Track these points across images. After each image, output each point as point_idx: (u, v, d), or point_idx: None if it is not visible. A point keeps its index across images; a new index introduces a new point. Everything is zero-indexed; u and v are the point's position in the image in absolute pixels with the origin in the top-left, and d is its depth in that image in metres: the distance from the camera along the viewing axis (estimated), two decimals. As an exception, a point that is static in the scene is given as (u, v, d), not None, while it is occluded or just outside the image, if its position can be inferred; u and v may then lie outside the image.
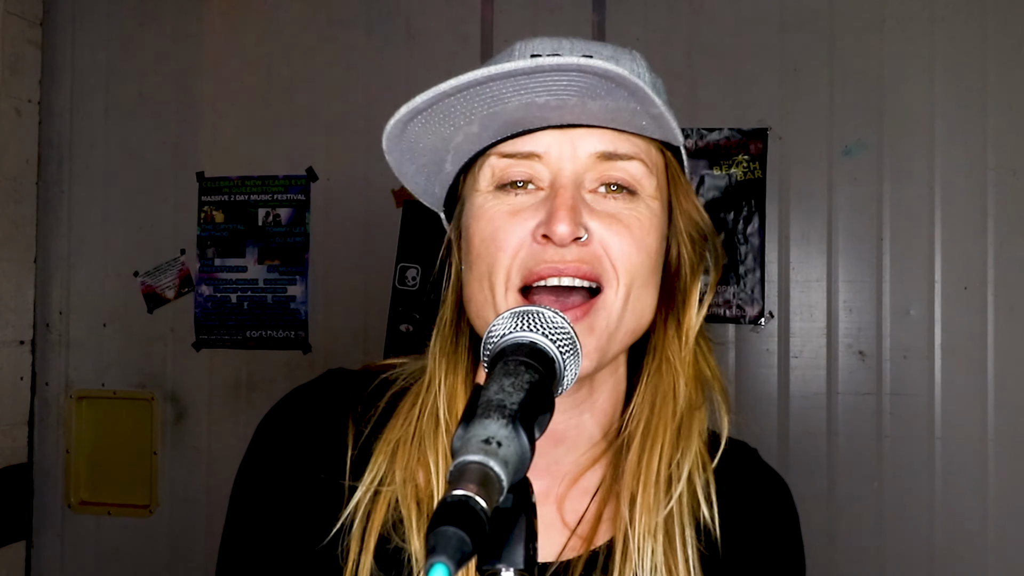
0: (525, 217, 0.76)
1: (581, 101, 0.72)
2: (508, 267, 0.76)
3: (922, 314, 2.44)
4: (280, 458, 0.85)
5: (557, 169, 0.76)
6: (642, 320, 0.80)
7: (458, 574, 0.42)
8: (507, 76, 0.70)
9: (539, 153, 0.77)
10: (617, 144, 0.77)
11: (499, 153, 0.78)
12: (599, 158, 0.76)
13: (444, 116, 0.74)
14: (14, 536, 2.80)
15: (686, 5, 2.58)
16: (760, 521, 0.85)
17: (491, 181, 0.79)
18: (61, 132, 2.93)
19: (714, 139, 2.52)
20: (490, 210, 0.78)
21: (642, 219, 0.77)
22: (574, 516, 0.81)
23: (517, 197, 0.77)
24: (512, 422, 0.51)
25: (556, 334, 0.62)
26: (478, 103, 0.73)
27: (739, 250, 2.55)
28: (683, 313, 0.83)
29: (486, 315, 0.78)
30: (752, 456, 0.90)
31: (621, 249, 0.76)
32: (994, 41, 2.42)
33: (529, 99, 0.72)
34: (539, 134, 0.76)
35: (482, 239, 0.78)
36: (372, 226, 2.72)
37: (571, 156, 0.76)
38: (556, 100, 0.72)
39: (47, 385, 2.91)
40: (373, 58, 2.74)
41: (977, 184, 2.42)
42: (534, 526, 0.54)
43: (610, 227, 0.76)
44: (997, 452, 2.37)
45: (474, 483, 0.45)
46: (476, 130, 0.76)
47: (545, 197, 0.76)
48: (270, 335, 2.80)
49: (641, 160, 0.78)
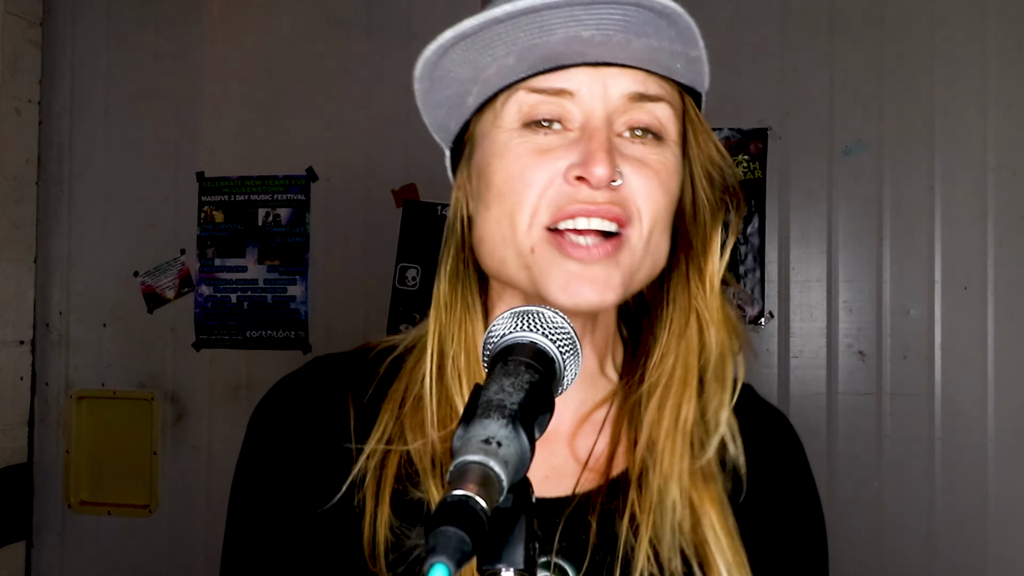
0: (556, 156, 0.75)
1: (626, 38, 0.72)
2: (535, 205, 0.75)
3: (922, 314, 2.44)
4: (278, 438, 0.84)
5: (589, 109, 0.75)
6: (658, 263, 0.80)
7: (458, 574, 0.42)
8: (563, 5, 0.69)
9: (571, 91, 0.75)
10: (648, 85, 0.76)
11: (528, 88, 0.76)
12: (630, 99, 0.76)
13: (485, 45, 0.73)
14: (14, 536, 2.80)
15: (685, 5, 2.57)
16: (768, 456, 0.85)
17: (517, 117, 0.77)
18: (61, 132, 2.93)
19: (714, 139, 2.52)
20: (516, 147, 0.76)
21: (668, 164, 0.78)
22: (583, 452, 0.82)
23: (546, 137, 0.76)
24: (512, 422, 0.51)
25: (556, 334, 0.62)
26: (524, 32, 0.71)
27: (739, 250, 2.55)
28: (704, 259, 0.82)
29: (502, 254, 0.77)
30: (748, 392, 0.88)
31: (649, 194, 0.76)
32: (994, 41, 2.42)
33: (576, 32, 0.71)
34: (571, 71, 0.75)
35: (506, 177, 0.76)
36: (372, 226, 2.72)
37: (603, 95, 0.75)
38: (602, 35, 0.71)
39: (47, 385, 2.91)
40: (373, 58, 2.74)
41: (977, 184, 2.42)
42: (534, 526, 0.54)
43: (639, 171, 0.75)
44: (997, 452, 2.37)
45: (474, 483, 0.45)
46: (512, 62, 0.74)
47: (576, 138, 0.75)
48: (270, 335, 2.80)
49: (668, 103, 0.78)
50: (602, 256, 0.74)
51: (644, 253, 0.77)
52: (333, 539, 0.77)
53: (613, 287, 0.74)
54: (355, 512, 0.76)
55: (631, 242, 0.76)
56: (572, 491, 0.79)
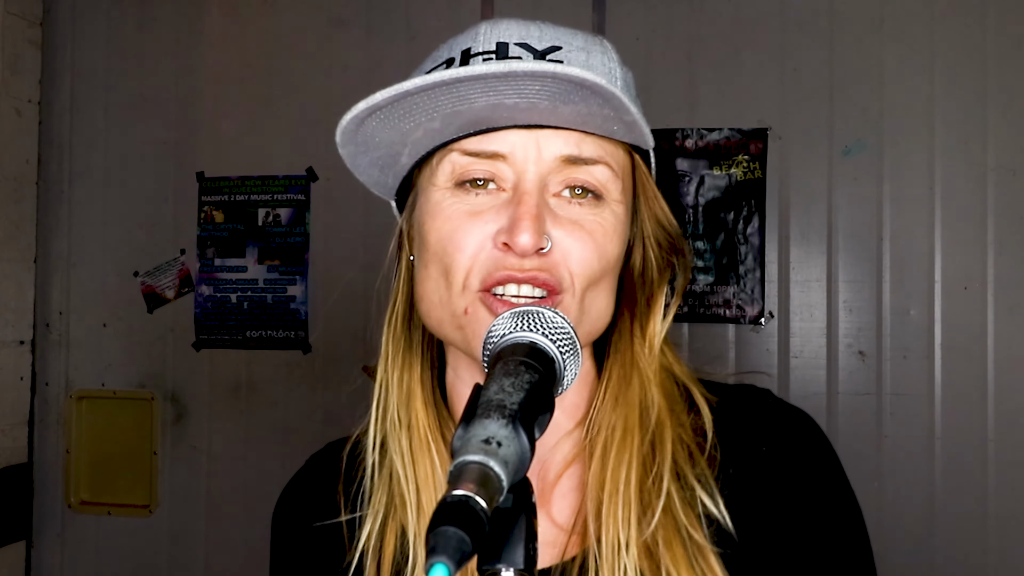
0: (486, 220, 0.74)
1: (553, 104, 0.70)
2: (468, 268, 0.74)
3: (922, 314, 2.44)
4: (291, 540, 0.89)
5: (521, 171, 0.74)
6: (598, 323, 0.78)
7: (458, 574, 0.42)
8: (476, 79, 0.68)
9: (503, 153, 0.74)
10: (583, 148, 0.75)
11: (461, 150, 0.75)
12: (564, 161, 0.74)
13: (405, 112, 0.72)
14: (14, 536, 2.80)
15: (686, 5, 2.58)
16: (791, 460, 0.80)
17: (450, 178, 0.76)
18: (61, 132, 2.93)
19: (714, 139, 2.52)
20: (448, 208, 0.75)
21: (606, 225, 0.76)
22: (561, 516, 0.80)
23: (478, 197, 0.75)
24: (512, 422, 0.51)
25: (556, 334, 0.62)
26: (443, 101, 0.71)
27: (739, 250, 2.55)
28: (647, 319, 0.81)
29: (439, 314, 0.77)
30: (763, 399, 0.86)
31: (582, 257, 0.74)
32: (994, 41, 2.42)
33: (498, 100, 0.70)
34: (503, 133, 0.74)
35: (439, 238, 0.75)
36: (372, 226, 2.72)
37: (536, 158, 0.74)
38: (526, 103, 0.70)
39: (47, 385, 2.91)
40: (373, 58, 2.74)
41: (977, 184, 2.42)
42: (534, 526, 0.54)
43: (572, 234, 0.74)
44: (997, 452, 2.37)
45: (474, 483, 0.45)
46: (437, 126, 0.74)
47: (508, 200, 0.74)
48: (270, 335, 2.80)
49: (607, 164, 0.76)
50: None
51: (579, 315, 0.75)
52: None
53: None
54: None
55: (563, 306, 0.74)
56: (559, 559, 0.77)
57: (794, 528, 0.77)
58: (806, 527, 0.78)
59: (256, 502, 2.75)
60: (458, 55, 0.78)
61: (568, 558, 0.77)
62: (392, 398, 0.81)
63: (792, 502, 0.78)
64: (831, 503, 0.81)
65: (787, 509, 0.78)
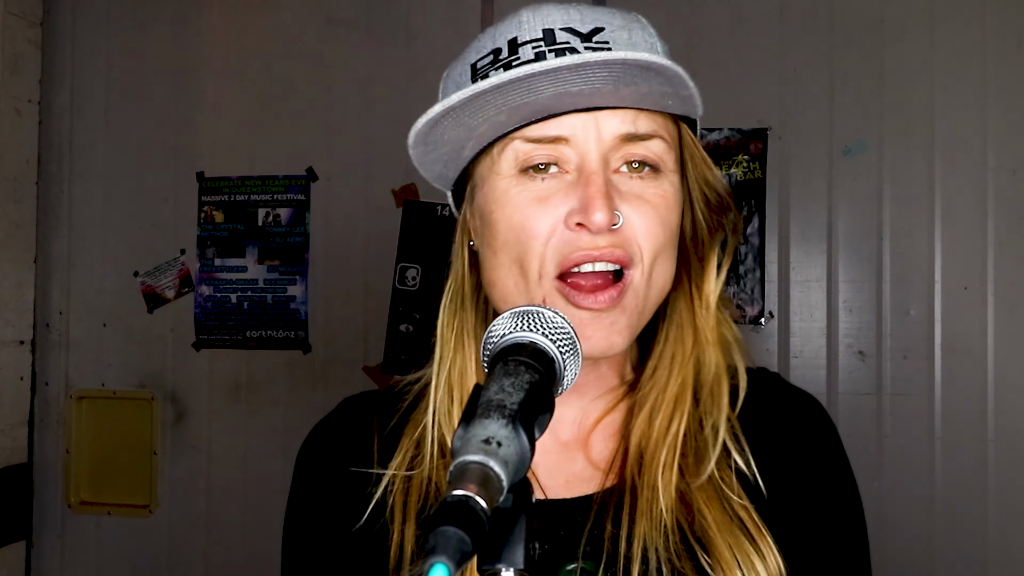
0: (555, 204, 0.77)
1: (615, 88, 0.73)
2: (541, 255, 0.77)
3: (922, 314, 2.44)
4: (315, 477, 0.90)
5: (584, 152, 0.77)
6: (663, 291, 0.82)
7: (458, 574, 0.42)
8: (550, 72, 0.70)
9: (565, 136, 0.77)
10: (639, 124, 0.77)
11: (524, 137, 0.77)
12: (623, 139, 0.77)
13: (476, 110, 0.74)
14: (14, 536, 2.80)
15: (686, 5, 2.58)
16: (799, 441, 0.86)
17: (514, 165, 0.78)
18: (61, 132, 2.93)
19: (714, 139, 2.52)
20: (516, 196, 0.78)
21: (667, 196, 0.79)
22: (599, 456, 0.84)
23: (544, 182, 0.78)
24: (512, 422, 0.51)
25: (556, 334, 0.63)
26: (513, 96, 0.73)
27: (739, 250, 2.55)
28: (702, 280, 0.85)
29: (515, 301, 0.79)
30: (774, 381, 0.91)
31: (649, 230, 0.77)
32: (994, 41, 2.42)
33: (564, 89, 0.72)
34: (563, 118, 0.76)
35: (510, 227, 0.78)
36: (372, 226, 2.72)
37: (597, 138, 0.76)
38: (590, 88, 0.73)
39: (47, 385, 2.91)
40: (373, 58, 2.74)
41: (977, 184, 2.42)
42: (534, 526, 0.54)
43: (638, 208, 0.77)
44: (997, 452, 2.37)
45: (474, 483, 0.46)
46: (504, 119, 0.76)
47: (573, 182, 0.77)
48: (270, 335, 2.80)
49: (661, 137, 0.79)
50: (608, 303, 0.76)
51: (648, 289, 0.79)
52: (364, 558, 0.81)
53: (619, 330, 0.77)
54: (385, 532, 0.80)
55: (634, 283, 0.78)
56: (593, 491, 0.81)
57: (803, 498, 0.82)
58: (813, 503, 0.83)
59: (256, 502, 2.75)
60: (504, 44, 0.79)
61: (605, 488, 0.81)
62: (444, 376, 0.84)
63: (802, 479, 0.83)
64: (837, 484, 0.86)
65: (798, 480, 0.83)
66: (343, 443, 0.89)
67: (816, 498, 0.83)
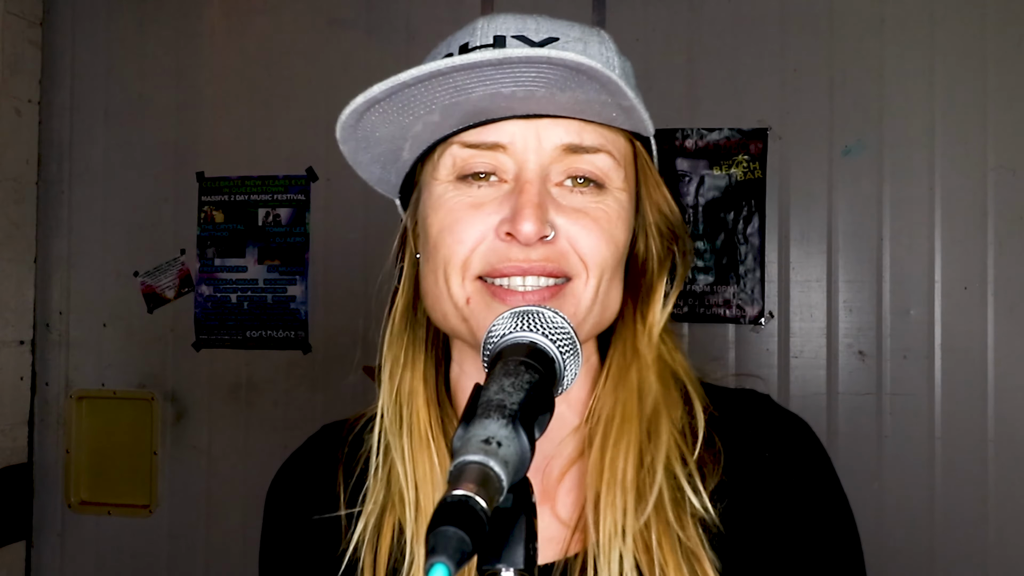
0: (488, 211, 0.74)
1: (550, 92, 0.70)
2: (466, 258, 0.74)
3: (922, 314, 2.44)
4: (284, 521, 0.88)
5: (522, 161, 0.74)
6: (607, 312, 0.78)
7: (458, 574, 0.42)
8: (473, 67, 0.67)
9: (503, 144, 0.74)
10: (584, 136, 0.74)
11: (461, 143, 0.75)
12: (565, 150, 0.74)
13: (403, 106, 0.72)
14: (14, 536, 2.80)
15: (686, 5, 2.58)
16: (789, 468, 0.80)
17: (452, 171, 0.76)
18: (61, 132, 2.93)
19: (714, 139, 2.52)
20: (450, 201, 0.75)
21: (610, 212, 0.75)
22: (565, 511, 0.79)
23: (480, 189, 0.75)
24: (512, 422, 0.51)
25: (556, 334, 0.62)
26: (440, 93, 0.70)
27: (739, 250, 2.55)
28: (648, 307, 0.81)
29: (444, 307, 0.76)
30: (763, 404, 0.85)
31: (589, 243, 0.74)
32: (994, 41, 2.42)
33: (495, 90, 0.69)
34: (503, 124, 0.74)
35: (440, 230, 0.75)
36: (372, 226, 2.72)
37: (536, 148, 0.74)
38: (524, 91, 0.70)
39: (47, 385, 2.91)
40: (373, 58, 2.74)
41: (977, 184, 2.42)
42: (534, 526, 0.54)
43: (577, 221, 0.74)
44: (997, 452, 2.37)
45: (474, 483, 0.45)
46: (437, 119, 0.73)
47: (509, 191, 0.74)
48: (270, 335, 2.80)
49: (608, 152, 0.75)
50: (538, 301, 0.72)
51: (592, 303, 0.75)
52: None
53: None
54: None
55: (576, 291, 0.74)
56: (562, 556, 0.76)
57: (790, 531, 0.77)
58: (801, 531, 0.78)
59: (256, 502, 2.75)
60: (456, 50, 0.78)
61: (571, 555, 0.77)
62: (392, 396, 0.80)
63: (789, 507, 0.78)
64: (827, 511, 0.81)
65: (784, 513, 0.78)
66: (309, 487, 0.86)
67: (807, 529, 0.78)
